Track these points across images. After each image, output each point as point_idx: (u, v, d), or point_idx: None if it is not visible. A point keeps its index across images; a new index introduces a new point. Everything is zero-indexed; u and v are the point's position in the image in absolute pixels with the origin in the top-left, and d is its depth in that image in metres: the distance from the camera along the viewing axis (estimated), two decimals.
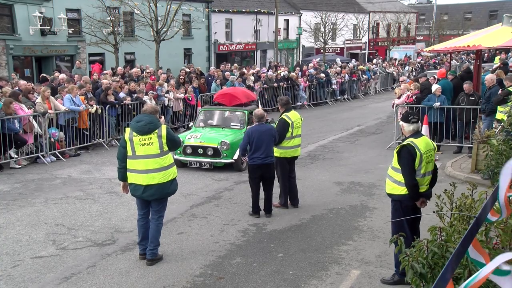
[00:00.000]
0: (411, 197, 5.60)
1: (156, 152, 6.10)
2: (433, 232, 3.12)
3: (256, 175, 8.10)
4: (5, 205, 8.86)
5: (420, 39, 57.37)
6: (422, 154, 5.51)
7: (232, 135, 11.45)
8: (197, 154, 11.24)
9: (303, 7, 41.55)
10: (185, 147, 11.22)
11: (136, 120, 6.27)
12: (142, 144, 6.08)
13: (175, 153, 10.85)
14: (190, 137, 11.46)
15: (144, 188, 6.15)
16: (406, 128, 5.77)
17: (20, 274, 6.10)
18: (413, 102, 13.33)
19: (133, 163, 6.16)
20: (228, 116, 12.33)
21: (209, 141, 11.22)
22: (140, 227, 6.47)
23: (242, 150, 8.32)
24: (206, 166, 11.14)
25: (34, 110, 11.95)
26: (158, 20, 22.46)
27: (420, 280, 2.88)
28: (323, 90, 24.70)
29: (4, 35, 22.38)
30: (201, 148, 11.19)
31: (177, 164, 10.43)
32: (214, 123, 12.25)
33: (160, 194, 6.22)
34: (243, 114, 12.02)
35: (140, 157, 6.10)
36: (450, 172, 10.77)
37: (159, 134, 6.11)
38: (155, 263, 6.36)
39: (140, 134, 6.08)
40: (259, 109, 8.58)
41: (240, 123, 11.98)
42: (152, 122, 6.13)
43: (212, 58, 34.22)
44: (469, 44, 13.73)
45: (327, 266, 6.33)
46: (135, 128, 6.13)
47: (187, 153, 11.30)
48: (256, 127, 8.06)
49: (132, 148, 6.13)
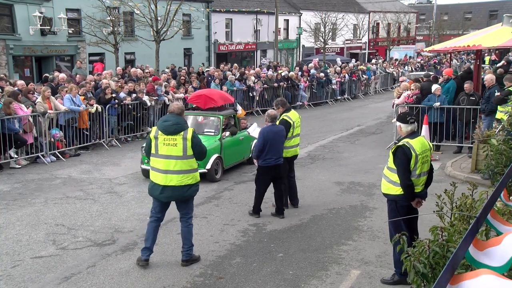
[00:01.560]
0: (406, 197, 5.61)
1: (179, 154, 6.00)
2: (434, 232, 3.12)
3: (269, 176, 8.06)
4: (5, 205, 8.86)
5: (420, 39, 57.39)
6: (418, 154, 5.50)
7: (205, 142, 10.65)
8: None
9: (303, 7, 41.55)
10: None
11: (163, 119, 6.24)
12: (166, 144, 6.02)
13: (143, 163, 10.24)
14: None
15: (162, 189, 6.07)
16: (404, 128, 5.74)
17: (20, 274, 6.10)
18: (413, 102, 13.34)
19: (155, 162, 6.14)
20: (202, 122, 11.31)
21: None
22: (151, 229, 6.27)
23: (258, 151, 7.93)
24: None
25: (33, 110, 11.94)
26: (158, 20, 22.47)
27: (421, 280, 2.87)
28: (323, 90, 24.71)
29: (4, 35, 22.38)
30: None
31: (145, 175, 10.06)
32: None
33: (177, 196, 6.14)
34: (218, 120, 11.02)
35: (162, 157, 6.05)
36: (450, 172, 10.77)
37: (184, 136, 6.01)
38: (189, 264, 6.31)
39: (165, 134, 6.02)
40: (273, 110, 8.47)
41: (214, 129, 10.96)
42: (179, 123, 6.07)
43: (212, 58, 34.22)
44: (469, 44, 13.74)
45: (327, 266, 6.32)
46: (161, 127, 6.08)
47: None
48: (270, 127, 7.98)
49: (155, 147, 6.09)
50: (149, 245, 6.27)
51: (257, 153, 7.98)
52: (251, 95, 20.54)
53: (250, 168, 11.54)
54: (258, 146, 7.98)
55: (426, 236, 3.42)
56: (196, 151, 6.10)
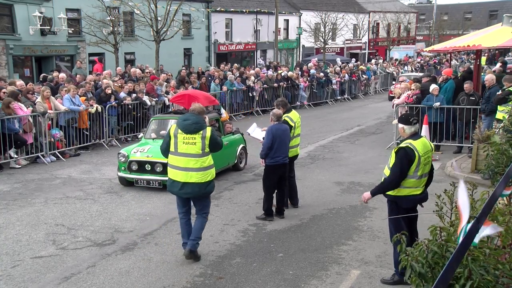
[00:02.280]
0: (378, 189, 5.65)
1: (198, 152, 6.18)
2: (433, 232, 3.11)
3: (277, 176, 8.00)
4: (5, 205, 8.86)
5: (420, 39, 57.41)
6: (421, 156, 5.48)
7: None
8: (144, 171, 9.70)
9: (303, 7, 41.55)
10: (130, 162, 9.75)
11: (183, 118, 6.34)
12: (185, 142, 6.17)
13: (119, 170, 9.93)
14: (136, 151, 9.92)
15: (182, 185, 6.22)
16: (408, 130, 5.68)
17: (20, 274, 6.10)
18: (413, 102, 13.33)
19: (174, 159, 6.26)
20: None
21: (158, 155, 9.05)
22: (183, 225, 6.51)
23: (267, 149, 7.80)
24: (155, 185, 9.59)
25: (33, 110, 11.95)
26: (158, 20, 22.46)
27: (420, 280, 2.87)
28: (323, 90, 24.72)
29: (4, 35, 22.38)
30: (148, 163, 9.65)
31: (123, 183, 9.92)
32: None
33: (196, 193, 6.28)
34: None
35: (181, 155, 6.19)
36: (450, 172, 10.77)
37: (203, 135, 6.18)
38: (193, 257, 6.40)
39: (185, 133, 6.17)
40: (276, 110, 8.31)
41: None
42: (198, 122, 6.23)
43: (212, 58, 34.22)
44: (469, 44, 13.73)
45: (327, 266, 6.32)
46: (181, 125, 6.22)
47: (133, 169, 9.76)
48: (277, 126, 7.93)
49: (175, 145, 6.22)
50: (186, 240, 6.46)
51: (266, 151, 7.83)
52: (251, 95, 20.54)
53: (250, 168, 11.55)
54: (267, 143, 7.82)
55: (426, 236, 3.42)
56: (213, 147, 6.34)
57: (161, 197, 9.18)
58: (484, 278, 2.68)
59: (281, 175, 8.07)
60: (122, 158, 9.89)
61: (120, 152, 10.05)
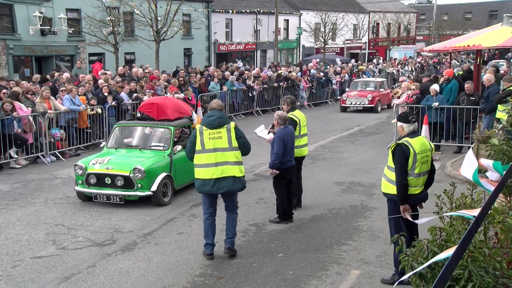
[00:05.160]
0: (398, 196, 5.58)
1: (225, 146, 6.29)
2: (433, 232, 3.12)
3: (287, 179, 7.93)
4: (5, 205, 8.87)
5: (420, 39, 57.40)
6: (417, 153, 5.49)
7: (152, 159, 8.89)
8: (104, 185, 8.66)
9: (303, 7, 41.55)
10: (88, 175, 8.68)
11: (207, 115, 6.54)
12: (211, 137, 6.28)
13: (77, 184, 8.90)
14: (95, 162, 8.80)
15: (214, 182, 6.25)
16: (406, 128, 5.73)
17: (20, 274, 6.10)
18: (413, 102, 13.34)
19: (202, 158, 6.30)
20: (149, 134, 9.73)
21: (119, 168, 8.61)
22: (208, 226, 6.52)
23: (279, 157, 7.52)
24: (116, 200, 8.63)
25: (33, 110, 11.95)
26: (158, 20, 22.47)
27: (420, 280, 2.87)
28: (323, 90, 24.72)
29: (4, 35, 22.38)
30: (108, 176, 8.60)
31: (81, 198, 8.96)
32: (133, 142, 9.61)
33: (230, 187, 6.32)
34: (169, 131, 9.36)
35: (210, 151, 6.27)
36: (450, 172, 10.77)
37: (228, 128, 6.36)
38: (232, 252, 6.50)
39: (210, 128, 6.30)
40: (281, 111, 8.19)
41: (164, 142, 9.37)
42: (222, 117, 6.44)
43: (212, 58, 34.21)
44: (469, 44, 13.73)
45: (327, 266, 6.33)
46: (206, 122, 6.37)
47: (91, 183, 8.69)
48: (284, 130, 7.76)
49: (201, 142, 6.29)
50: (210, 241, 6.50)
51: (278, 159, 7.53)
52: (251, 95, 20.54)
53: (249, 168, 11.54)
54: (278, 152, 7.49)
55: (426, 236, 3.42)
56: (241, 143, 6.41)
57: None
58: (484, 279, 2.69)
59: (290, 178, 8.03)
60: (79, 170, 8.78)
61: (77, 164, 8.92)
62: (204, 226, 6.55)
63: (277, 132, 7.75)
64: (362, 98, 21.76)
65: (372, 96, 21.68)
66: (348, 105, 22.04)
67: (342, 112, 21.94)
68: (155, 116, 9.81)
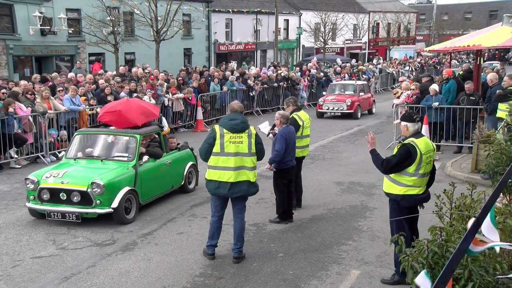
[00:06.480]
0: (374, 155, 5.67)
1: (245, 151, 6.25)
2: (433, 232, 3.12)
3: (288, 179, 7.93)
4: (5, 205, 8.87)
5: (420, 39, 57.43)
6: (423, 154, 5.49)
7: (113, 171, 7.91)
8: (59, 201, 7.67)
9: (303, 7, 41.56)
10: (41, 190, 7.69)
11: (229, 118, 6.37)
12: (232, 142, 6.20)
13: (28, 200, 7.88)
14: (49, 175, 7.80)
15: (231, 185, 6.23)
16: (411, 127, 5.68)
17: (20, 274, 6.10)
18: (413, 102, 13.34)
19: (220, 160, 6.22)
20: (112, 142, 8.70)
21: (76, 182, 7.63)
22: (215, 229, 6.51)
23: (280, 155, 7.51)
24: (72, 218, 7.62)
25: (33, 110, 11.95)
26: (158, 20, 22.46)
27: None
28: (323, 90, 24.70)
29: (4, 35, 22.39)
30: (63, 191, 7.62)
31: (34, 215, 8.00)
32: (94, 152, 8.57)
33: (245, 191, 6.35)
34: (134, 140, 8.31)
35: (230, 154, 6.19)
36: (450, 172, 10.77)
37: (249, 133, 6.30)
38: (241, 260, 6.44)
39: (232, 132, 6.21)
40: (283, 111, 8.14)
41: (128, 152, 8.34)
42: (245, 121, 6.38)
43: (212, 58, 34.22)
44: (469, 44, 13.73)
45: (327, 266, 6.33)
46: (228, 125, 6.24)
47: (44, 199, 7.72)
48: (287, 129, 7.76)
49: (221, 145, 6.20)
50: (214, 243, 6.51)
51: (280, 157, 7.55)
52: (251, 95, 20.54)
53: None
54: (280, 149, 7.51)
55: (426, 236, 3.43)
56: (258, 149, 6.40)
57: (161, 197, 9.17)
58: (484, 279, 2.69)
59: (290, 178, 8.03)
60: (30, 184, 7.78)
61: (28, 178, 7.88)
62: (211, 228, 6.51)
63: (279, 130, 7.78)
64: (340, 103, 19.70)
65: (351, 101, 19.58)
66: (325, 111, 20.11)
67: (319, 118, 20.01)
68: (118, 125, 8.68)
